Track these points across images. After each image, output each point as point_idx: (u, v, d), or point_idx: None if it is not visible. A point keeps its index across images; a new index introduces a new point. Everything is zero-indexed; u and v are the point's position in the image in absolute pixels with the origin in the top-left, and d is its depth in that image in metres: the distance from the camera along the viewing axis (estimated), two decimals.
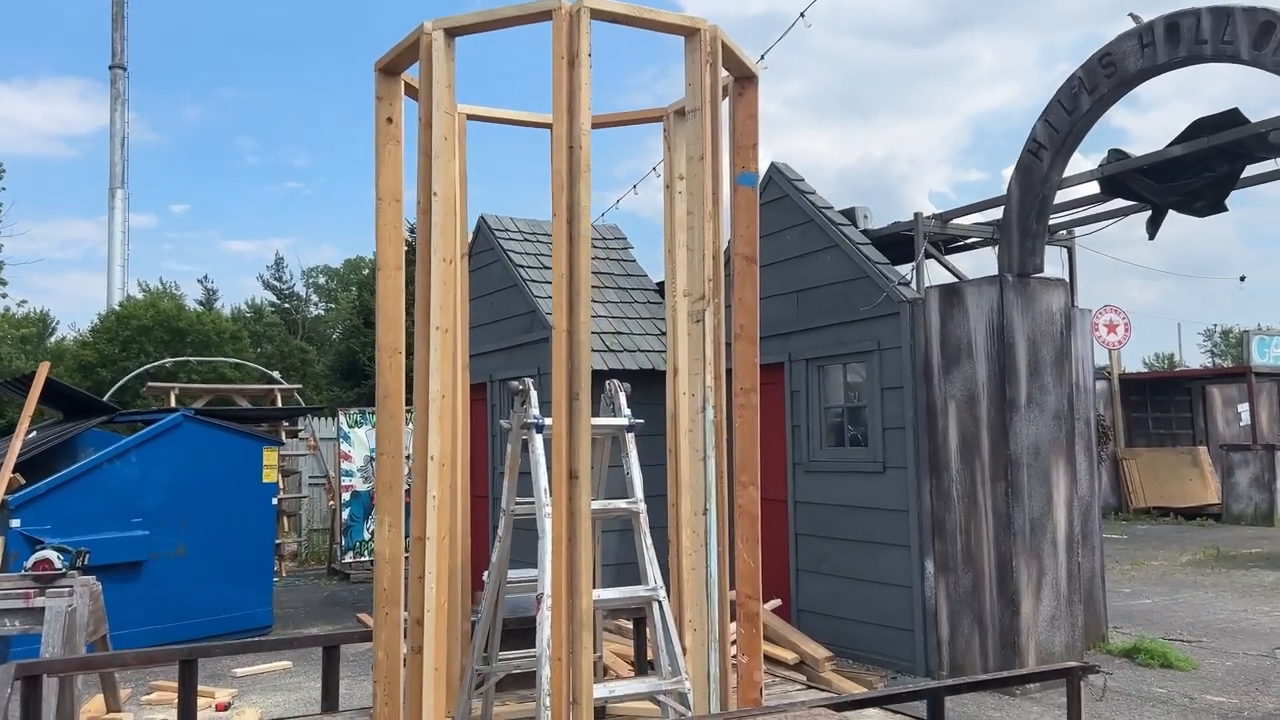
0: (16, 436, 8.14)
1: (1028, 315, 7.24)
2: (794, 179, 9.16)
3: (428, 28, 3.91)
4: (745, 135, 4.52)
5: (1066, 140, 6.99)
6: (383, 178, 4.38)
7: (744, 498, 4.47)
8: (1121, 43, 6.56)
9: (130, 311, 36.65)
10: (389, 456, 4.32)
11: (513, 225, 11.21)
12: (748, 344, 4.54)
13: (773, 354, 9.21)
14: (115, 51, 60.61)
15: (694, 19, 3.91)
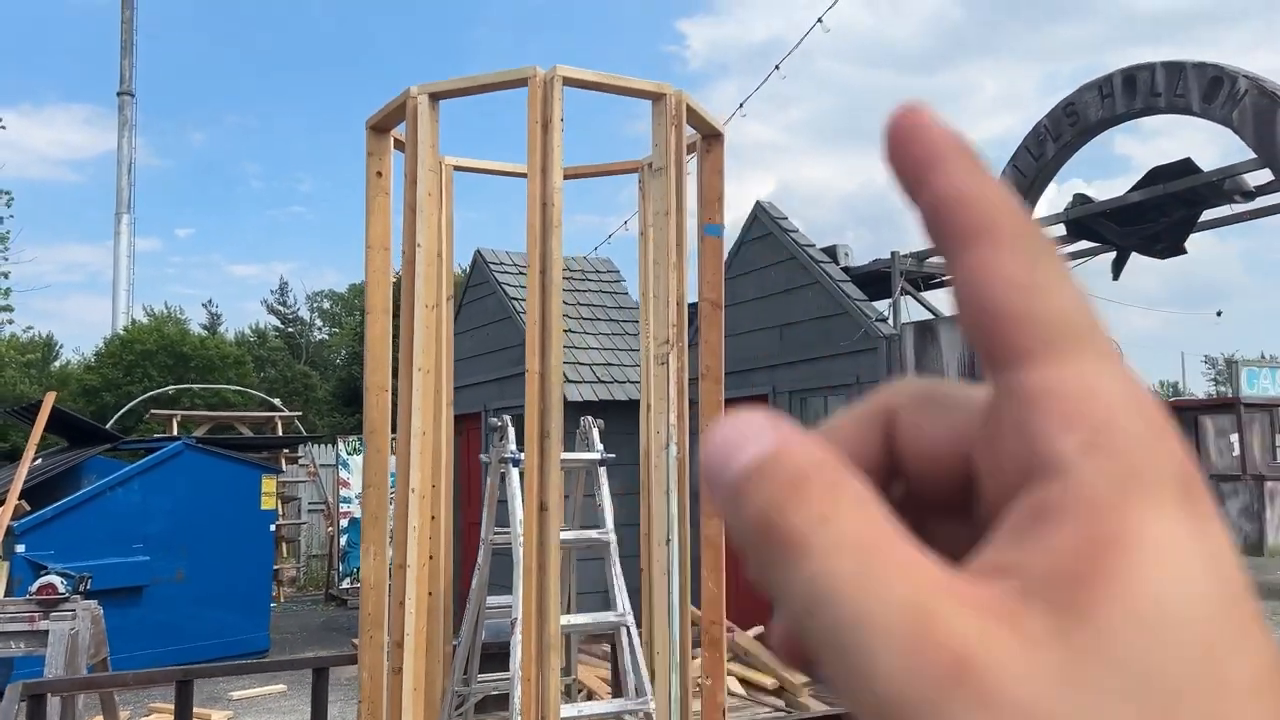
0: (23, 464, 8.42)
1: None
2: (778, 217, 9.47)
3: (414, 92, 4.22)
4: (712, 189, 4.82)
5: (1034, 184, 7.29)
6: (372, 227, 4.69)
7: (709, 528, 4.73)
8: (1083, 94, 6.88)
9: (134, 336, 37.04)
10: (374, 488, 4.59)
11: (508, 259, 11.52)
12: (713, 383, 4.82)
13: (758, 386, 9.49)
14: (124, 78, 61.36)
15: (660, 85, 4.22)
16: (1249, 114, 5.88)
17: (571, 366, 10.26)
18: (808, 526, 0.23)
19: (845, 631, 0.22)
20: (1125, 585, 0.22)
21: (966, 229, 0.25)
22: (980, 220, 0.25)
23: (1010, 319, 0.24)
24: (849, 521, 0.23)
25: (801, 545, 0.23)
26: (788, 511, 0.23)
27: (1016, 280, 0.24)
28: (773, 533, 0.24)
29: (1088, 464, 0.23)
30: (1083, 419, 0.23)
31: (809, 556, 0.23)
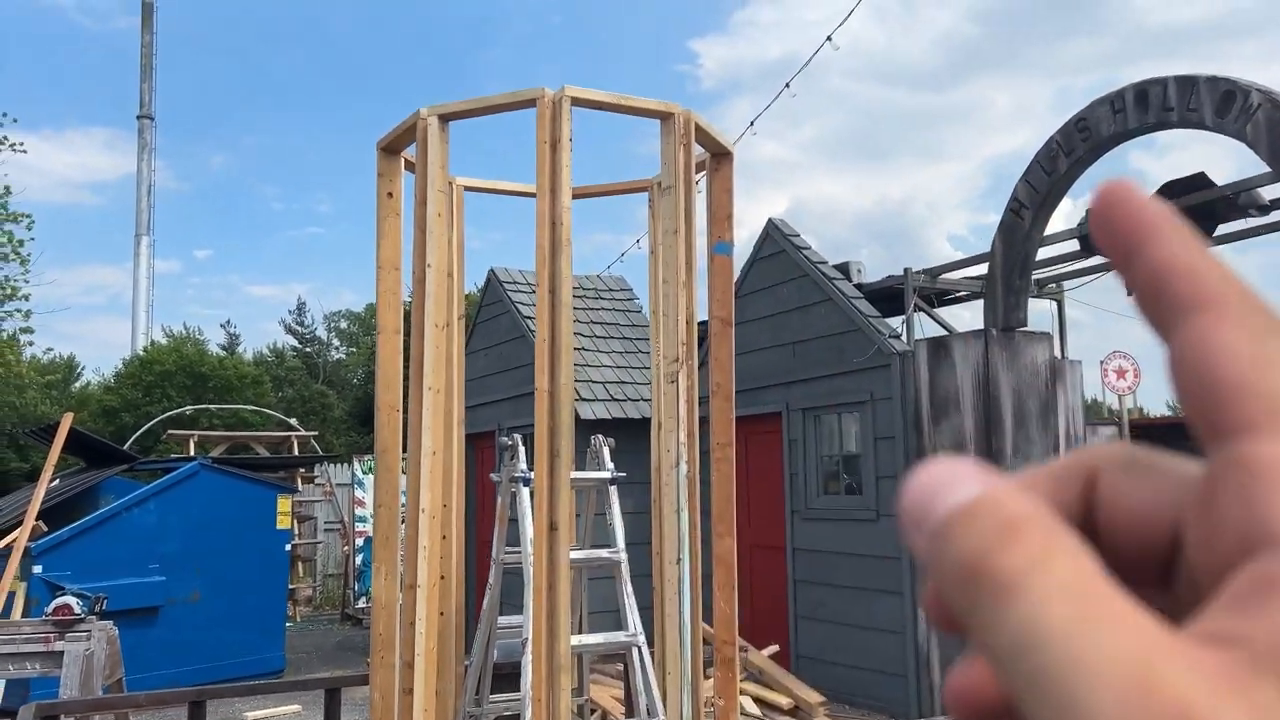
0: (40, 484, 8.47)
1: (1012, 368, 7.48)
2: (790, 234, 9.47)
3: (424, 113, 4.24)
4: (721, 207, 4.82)
5: (1047, 200, 7.27)
6: (383, 248, 4.71)
7: (720, 547, 4.71)
8: (1096, 108, 6.86)
9: (154, 357, 37.32)
10: (385, 508, 4.59)
11: (521, 278, 11.56)
12: (724, 401, 4.81)
13: (771, 403, 9.47)
14: (143, 101, 62.08)
15: (668, 105, 4.23)
16: (1263, 128, 5.86)
17: (584, 384, 10.27)
18: (1021, 570, 0.23)
19: (1060, 676, 0.22)
20: None
21: (1188, 299, 0.25)
22: (1203, 291, 0.25)
23: (1235, 390, 0.24)
24: (1064, 568, 0.23)
25: (1014, 588, 0.23)
26: (1000, 554, 0.24)
27: (1242, 352, 0.24)
28: (982, 575, 0.24)
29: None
30: None
31: (1022, 599, 0.23)
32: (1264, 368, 0.24)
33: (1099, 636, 0.22)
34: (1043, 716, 0.22)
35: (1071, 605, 0.22)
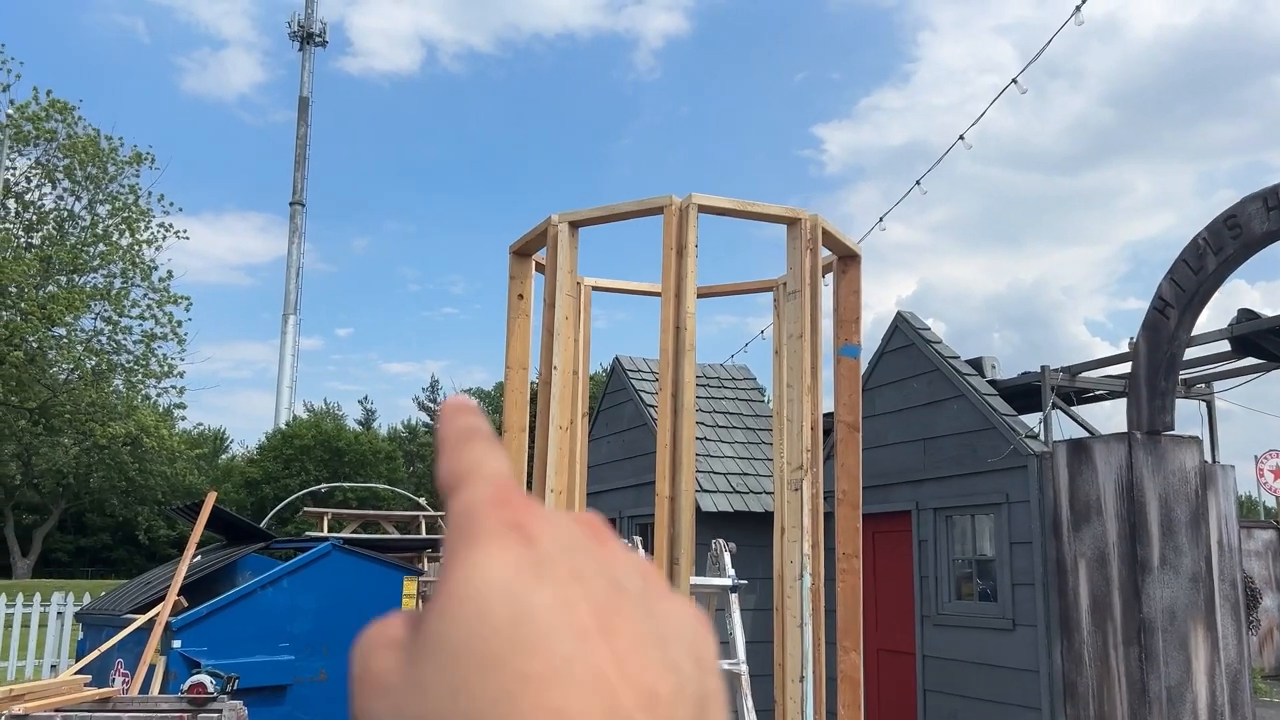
0: (183, 561, 8.83)
1: (1159, 474, 7.08)
2: (919, 328, 9.28)
3: (555, 220, 4.35)
4: (848, 310, 4.76)
5: (1194, 299, 6.95)
6: (512, 349, 4.81)
7: (845, 663, 4.54)
8: (1247, 205, 6.56)
9: (295, 431, 38.89)
10: None
11: (645, 366, 11.63)
12: (850, 509, 4.68)
13: (900, 501, 9.20)
14: (296, 189, 65.97)
15: (794, 210, 4.23)
16: None
17: (706, 475, 10.19)
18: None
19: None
20: (442, 591, 0.31)
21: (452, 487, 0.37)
22: (456, 477, 0.37)
23: (452, 482, 0.36)
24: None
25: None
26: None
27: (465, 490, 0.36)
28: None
29: (449, 533, 0.33)
30: None
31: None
32: (467, 480, 0.35)
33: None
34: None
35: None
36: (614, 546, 0.35)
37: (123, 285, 27.44)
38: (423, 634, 0.31)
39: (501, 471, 0.35)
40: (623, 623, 0.31)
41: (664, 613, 0.33)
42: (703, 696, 0.31)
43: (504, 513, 0.33)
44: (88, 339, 26.94)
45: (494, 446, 0.37)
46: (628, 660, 0.30)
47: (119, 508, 39.97)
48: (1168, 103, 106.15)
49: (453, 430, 0.37)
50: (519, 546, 0.31)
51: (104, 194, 27.49)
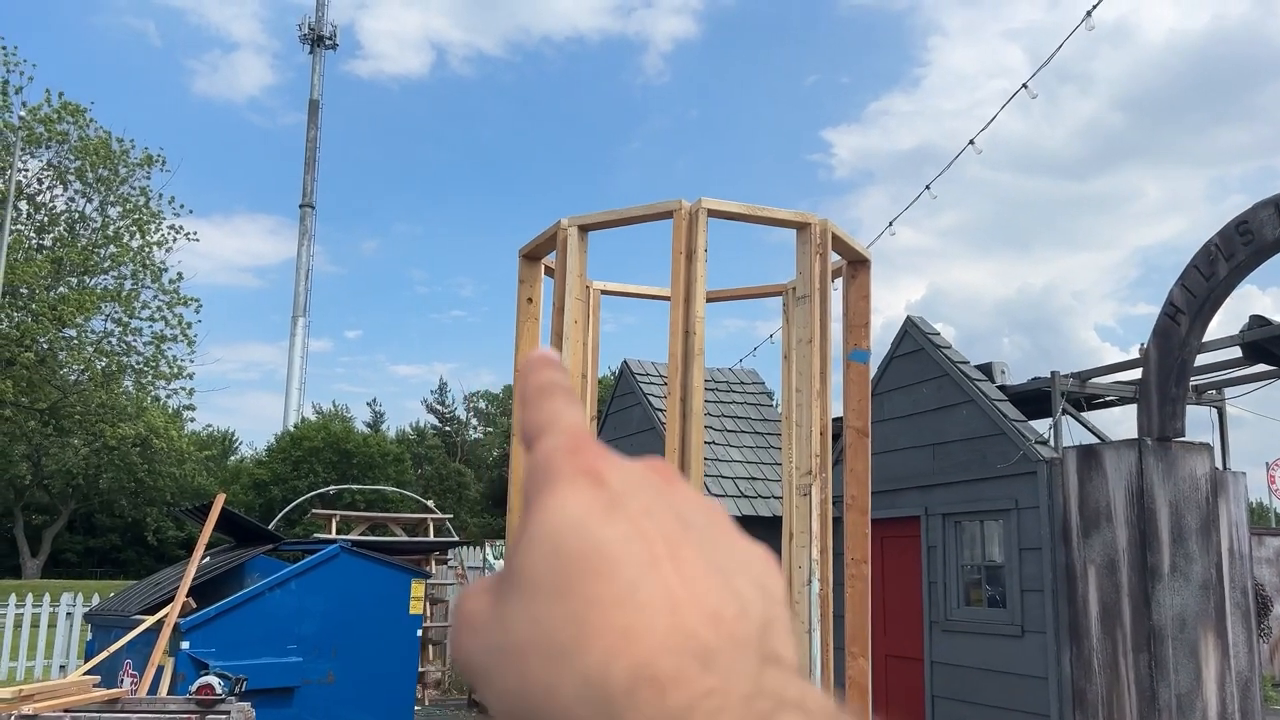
0: (192, 562, 8.85)
1: (1169, 480, 7.05)
2: (929, 333, 9.26)
3: (564, 224, 4.35)
4: (858, 315, 4.75)
5: (1205, 305, 6.91)
6: (521, 352, 4.80)
7: (854, 669, 4.53)
8: (1259, 211, 6.53)
9: (303, 433, 38.93)
10: None
11: (654, 369, 11.63)
12: (859, 514, 4.67)
13: (909, 507, 9.18)
14: (305, 191, 66.09)
15: (804, 215, 4.22)
16: None
17: (714, 480, 10.17)
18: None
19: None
20: (522, 533, 0.33)
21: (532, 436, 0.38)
22: (534, 429, 0.39)
23: (534, 430, 0.38)
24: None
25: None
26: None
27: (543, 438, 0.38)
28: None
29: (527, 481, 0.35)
30: None
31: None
32: (545, 431, 0.36)
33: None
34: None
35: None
36: (682, 487, 0.37)
37: (133, 287, 27.54)
38: (507, 574, 0.33)
39: (577, 423, 0.37)
40: (688, 552, 0.32)
41: (729, 546, 0.35)
42: (767, 621, 0.32)
43: (578, 460, 0.34)
44: (98, 340, 27.03)
45: (571, 400, 0.39)
46: (693, 584, 0.31)
47: (128, 509, 40.10)
48: (1179, 108, 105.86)
49: (534, 384, 0.39)
50: (591, 488, 0.33)
51: (115, 196, 27.58)
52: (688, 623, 0.30)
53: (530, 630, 0.31)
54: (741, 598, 0.32)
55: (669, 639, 0.30)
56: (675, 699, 0.29)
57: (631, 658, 0.29)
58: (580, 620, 0.30)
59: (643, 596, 0.31)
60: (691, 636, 0.30)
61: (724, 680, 0.30)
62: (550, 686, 0.30)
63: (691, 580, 0.31)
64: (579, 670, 0.30)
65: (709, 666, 0.30)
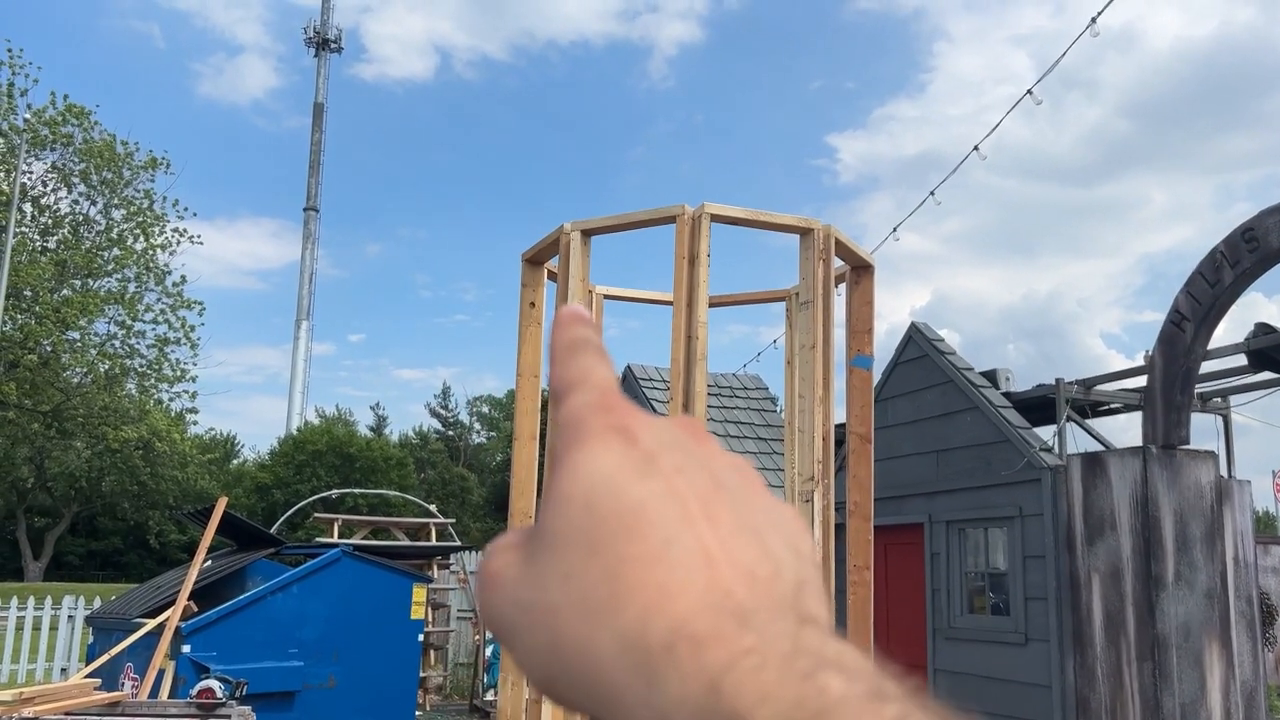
0: (193, 565, 8.84)
1: (1174, 489, 7.02)
2: (933, 339, 9.24)
3: (567, 228, 4.34)
4: (861, 321, 4.73)
5: (1210, 313, 6.89)
6: (524, 356, 4.79)
7: None
8: (1264, 219, 6.51)
9: (306, 437, 38.94)
10: None
11: (656, 374, 11.62)
12: (862, 521, 4.65)
13: (913, 514, 9.15)
14: (310, 195, 66.17)
15: (807, 220, 4.20)
16: None
17: None
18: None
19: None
20: (552, 490, 0.33)
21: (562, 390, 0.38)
22: (567, 381, 0.38)
23: (565, 385, 0.38)
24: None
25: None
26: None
27: (573, 390, 0.38)
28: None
29: (557, 437, 0.35)
30: None
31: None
32: (575, 388, 0.36)
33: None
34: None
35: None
36: (713, 446, 0.37)
37: (136, 289, 27.58)
38: (536, 532, 0.33)
39: (608, 379, 0.37)
40: (722, 511, 0.32)
41: (761, 506, 0.35)
42: (800, 581, 0.32)
43: (609, 417, 0.34)
44: (101, 343, 27.07)
45: (602, 357, 0.38)
46: (727, 543, 0.31)
47: (130, 512, 40.12)
48: (1185, 114, 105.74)
49: (565, 340, 0.39)
50: (623, 445, 0.33)
51: (119, 198, 27.64)
52: (724, 581, 0.30)
53: (563, 587, 0.31)
54: (775, 557, 0.32)
55: (706, 596, 0.30)
56: (714, 657, 0.29)
57: (669, 615, 0.29)
58: (615, 577, 0.30)
59: (678, 554, 0.30)
60: (728, 595, 0.30)
61: (762, 639, 0.29)
62: (585, 644, 0.30)
63: (726, 539, 0.31)
64: (615, 628, 0.30)
65: (747, 624, 0.29)
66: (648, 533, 0.31)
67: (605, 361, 0.38)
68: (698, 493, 0.32)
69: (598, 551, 0.31)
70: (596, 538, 0.31)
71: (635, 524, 0.31)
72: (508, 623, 0.33)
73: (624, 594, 0.30)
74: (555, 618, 0.31)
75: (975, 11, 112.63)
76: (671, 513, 0.31)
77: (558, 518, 0.32)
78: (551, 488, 0.33)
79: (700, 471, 0.34)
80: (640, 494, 0.32)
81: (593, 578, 0.30)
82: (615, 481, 0.32)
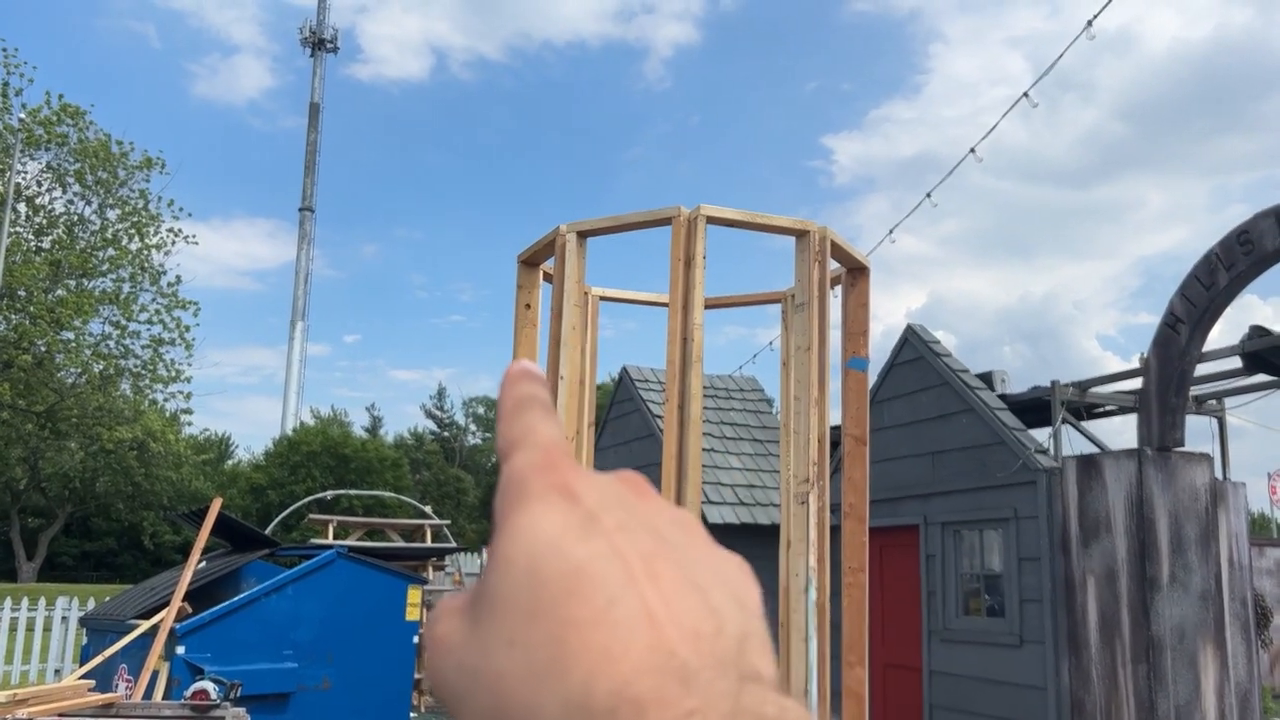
0: (188, 567, 8.82)
1: (1169, 490, 7.03)
2: (929, 341, 9.25)
3: (563, 230, 4.33)
4: (856, 323, 4.74)
5: (1205, 315, 6.90)
6: (519, 357, 4.78)
7: (851, 678, 4.50)
8: (1259, 221, 6.52)
9: (301, 438, 38.87)
10: None
11: (653, 376, 11.62)
12: (857, 523, 4.65)
13: (908, 515, 9.15)
14: (305, 195, 66.10)
15: (803, 222, 4.20)
16: None
17: (713, 486, 10.15)
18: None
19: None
20: (495, 553, 0.33)
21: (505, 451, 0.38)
22: (509, 444, 0.38)
23: (507, 448, 0.38)
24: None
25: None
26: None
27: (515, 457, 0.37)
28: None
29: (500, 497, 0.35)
30: None
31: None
32: (519, 446, 0.36)
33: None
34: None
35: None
36: (656, 501, 0.37)
37: (131, 290, 27.53)
38: (481, 595, 0.33)
39: (552, 438, 0.37)
40: (665, 569, 0.32)
41: (705, 560, 0.34)
42: (744, 635, 0.32)
43: (550, 476, 0.35)
44: (96, 343, 27.01)
45: (548, 413, 0.39)
46: (670, 602, 0.31)
47: (125, 512, 40.03)
48: (1181, 117, 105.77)
49: (511, 397, 0.39)
50: (565, 505, 0.33)
51: (114, 198, 27.58)
52: (667, 641, 0.30)
53: (507, 653, 0.31)
54: (719, 613, 0.32)
55: (649, 658, 0.30)
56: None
57: (612, 678, 0.29)
58: (559, 641, 0.30)
59: (621, 615, 0.30)
60: (671, 655, 0.30)
61: (705, 700, 0.29)
62: (530, 710, 0.30)
63: (669, 597, 0.31)
64: (559, 692, 0.29)
65: (689, 686, 0.29)
66: (590, 595, 0.31)
67: (551, 419, 0.38)
68: (640, 551, 0.32)
69: (541, 615, 0.31)
70: (539, 601, 0.31)
71: (577, 586, 0.31)
72: (454, 688, 0.33)
73: (567, 658, 0.30)
74: (500, 683, 0.31)
75: (971, 13, 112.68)
76: (614, 573, 0.31)
77: (501, 581, 0.32)
78: (495, 550, 0.33)
79: (643, 529, 0.34)
80: (582, 555, 0.31)
81: (536, 642, 0.30)
82: (557, 543, 0.32)
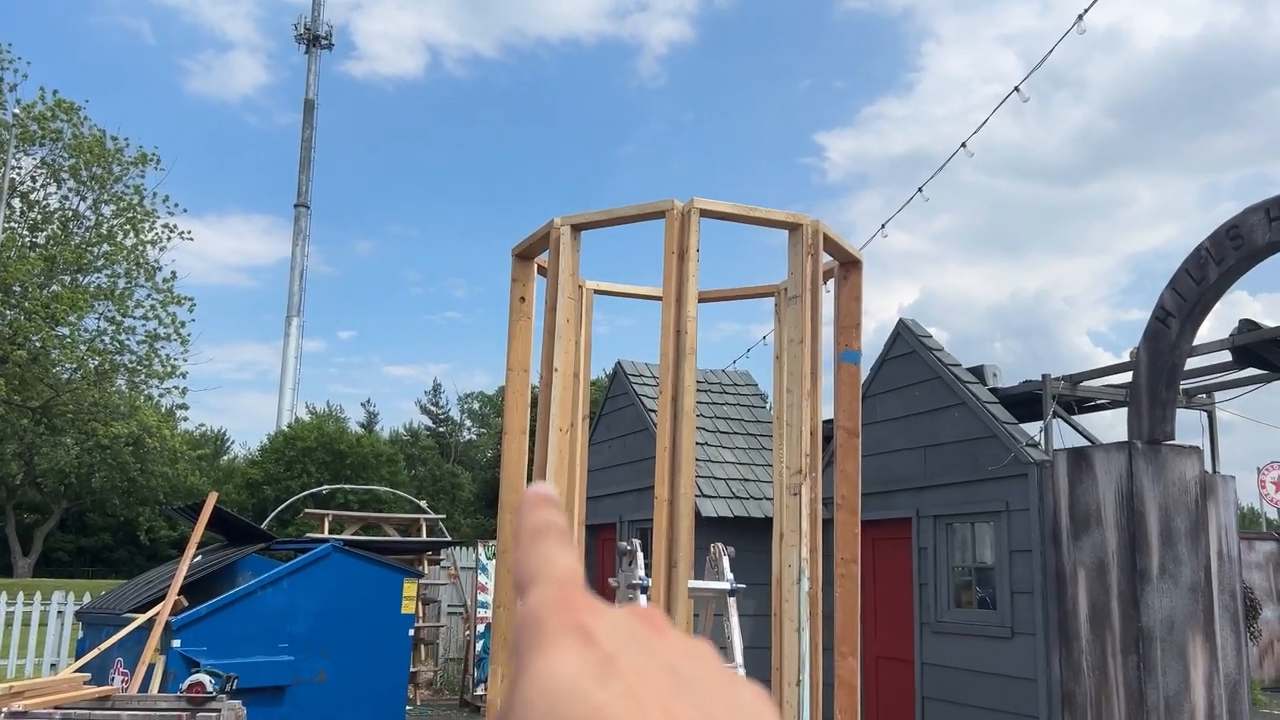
0: (183, 560, 8.84)
1: (1159, 483, 7.08)
2: (921, 335, 9.29)
3: (557, 223, 4.37)
4: (849, 316, 4.77)
5: (1195, 309, 6.95)
6: (513, 351, 4.82)
7: (843, 669, 4.55)
8: (1249, 216, 6.56)
9: (297, 433, 38.85)
10: (504, 609, 4.61)
11: (647, 371, 11.65)
12: (849, 514, 4.69)
13: (900, 509, 9.20)
14: (300, 191, 66.00)
15: (796, 216, 4.24)
16: None
17: (706, 480, 10.19)
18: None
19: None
20: (515, 695, 0.33)
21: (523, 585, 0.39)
22: (525, 579, 0.39)
23: (523, 585, 0.39)
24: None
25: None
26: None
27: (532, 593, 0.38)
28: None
29: (518, 634, 0.36)
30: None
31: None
32: (535, 580, 0.38)
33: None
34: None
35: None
36: (671, 636, 0.38)
37: (126, 285, 27.49)
38: None
39: (568, 571, 0.38)
40: (681, 708, 0.33)
41: (722, 693, 0.35)
42: None
43: (567, 615, 0.35)
44: (91, 339, 26.98)
45: (564, 543, 0.40)
46: None
47: (120, 508, 39.99)
48: (1171, 114, 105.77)
49: (528, 526, 0.41)
50: (582, 647, 0.34)
51: (109, 194, 27.54)
52: None
53: None
54: None
55: None
56: None
57: None
58: None
59: None
60: None
61: None
62: None
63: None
64: None
65: None
66: None
67: (566, 547, 0.40)
68: (657, 692, 0.34)
69: None
70: None
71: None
72: None
73: None
74: None
75: (962, 11, 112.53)
76: (631, 715, 0.32)
77: None
78: (515, 692, 0.34)
79: (659, 668, 0.35)
80: (600, 699, 0.32)
81: None
82: (575, 687, 0.33)
